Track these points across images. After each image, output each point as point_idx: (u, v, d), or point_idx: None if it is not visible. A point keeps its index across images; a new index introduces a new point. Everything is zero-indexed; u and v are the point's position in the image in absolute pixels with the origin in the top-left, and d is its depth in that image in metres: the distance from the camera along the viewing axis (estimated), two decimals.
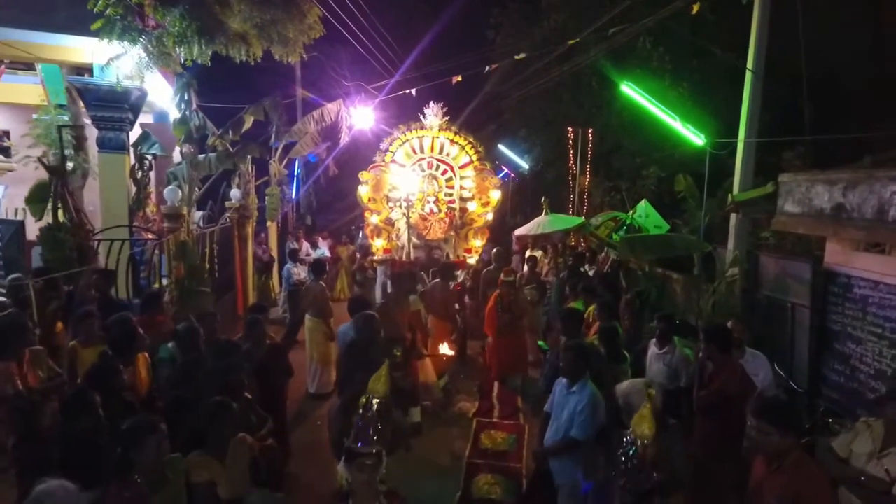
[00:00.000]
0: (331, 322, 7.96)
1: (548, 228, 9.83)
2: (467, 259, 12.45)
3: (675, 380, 5.50)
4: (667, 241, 7.45)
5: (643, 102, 8.00)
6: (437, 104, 12.02)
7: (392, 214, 12.13)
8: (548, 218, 10.25)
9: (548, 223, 9.97)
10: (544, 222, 10.15)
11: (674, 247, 7.37)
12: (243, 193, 10.52)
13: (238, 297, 10.71)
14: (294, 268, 9.93)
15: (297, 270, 9.86)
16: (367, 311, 5.85)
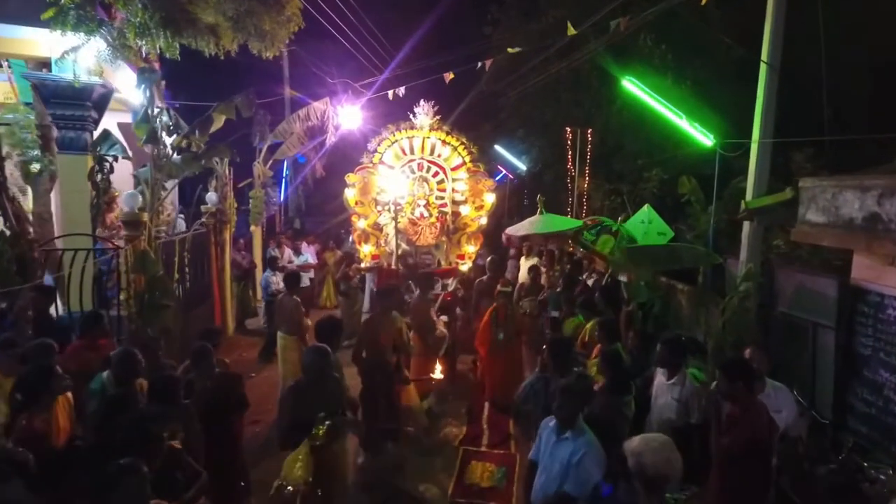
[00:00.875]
0: (307, 339, 7.18)
1: (540, 229, 8.81)
2: (460, 266, 11.69)
3: (686, 415, 4.73)
4: (673, 252, 6.63)
5: (647, 100, 7.21)
6: (427, 103, 11.27)
7: (380, 219, 11.38)
8: (541, 218, 9.14)
9: (541, 223, 8.90)
10: (537, 222, 9.07)
11: (680, 258, 6.57)
12: (220, 197, 9.76)
13: (215, 307, 9.95)
14: (273, 276, 9.16)
15: (275, 279, 9.11)
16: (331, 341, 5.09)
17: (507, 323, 6.87)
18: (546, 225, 8.28)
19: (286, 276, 7.71)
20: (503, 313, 7.09)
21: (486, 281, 8.36)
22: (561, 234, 8.40)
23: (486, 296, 8.12)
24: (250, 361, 9.23)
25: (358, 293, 9.94)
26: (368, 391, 5.89)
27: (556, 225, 8.25)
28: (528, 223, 8.66)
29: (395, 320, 6.46)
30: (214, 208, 9.74)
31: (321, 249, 12.77)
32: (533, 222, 8.55)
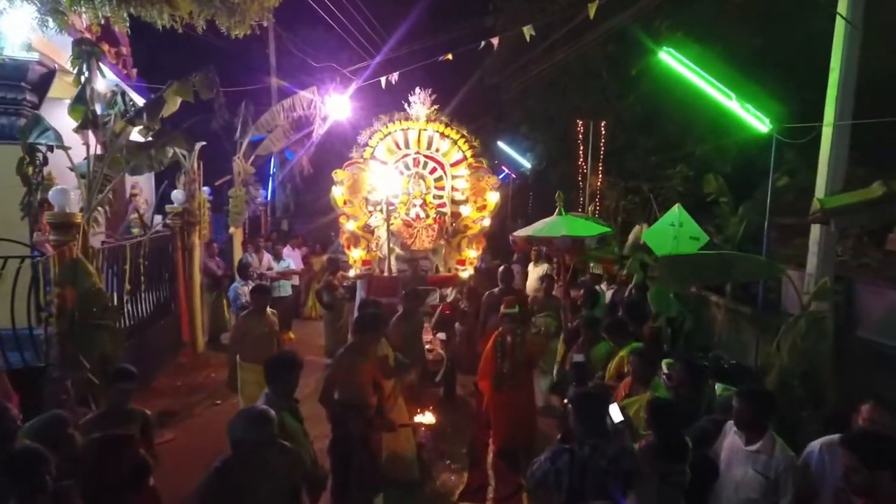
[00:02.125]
0: None
1: (558, 231, 6.67)
2: (460, 272, 10.29)
3: (774, 494, 3.33)
4: (724, 263, 5.15)
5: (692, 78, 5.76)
6: (424, 91, 9.87)
7: (371, 220, 9.97)
8: (560, 219, 7.09)
9: (560, 226, 6.82)
10: (556, 224, 7.03)
11: (732, 269, 5.11)
12: (187, 195, 8.37)
13: (182, 321, 8.55)
14: (244, 286, 7.76)
15: (246, 290, 7.71)
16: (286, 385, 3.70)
17: (516, 352, 5.38)
18: (568, 228, 6.52)
19: (252, 288, 6.31)
20: (509, 341, 5.59)
21: (496, 294, 6.91)
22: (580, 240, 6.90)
23: (494, 311, 6.69)
24: (218, 384, 7.81)
25: (344, 305, 8.54)
26: (341, 442, 4.48)
27: (580, 229, 6.50)
28: (543, 225, 6.88)
29: (381, 347, 5.07)
30: (181, 208, 8.35)
31: (308, 253, 11.38)
32: (550, 224, 6.76)
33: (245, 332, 5.82)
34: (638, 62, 13.99)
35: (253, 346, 5.69)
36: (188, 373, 8.24)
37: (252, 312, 5.98)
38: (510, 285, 7.00)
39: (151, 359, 7.78)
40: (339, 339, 8.53)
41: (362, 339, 4.69)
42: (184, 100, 6.45)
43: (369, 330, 4.72)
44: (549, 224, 6.53)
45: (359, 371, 4.53)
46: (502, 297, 6.31)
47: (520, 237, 7.36)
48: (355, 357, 4.62)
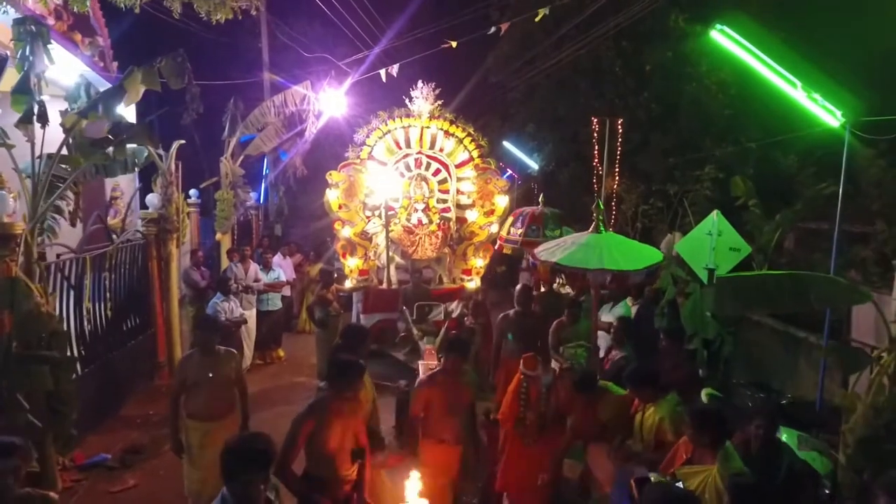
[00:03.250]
0: (247, 415, 4.62)
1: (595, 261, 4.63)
2: (465, 283, 9.32)
3: None
4: (795, 286, 4.06)
5: (752, 63, 4.74)
6: (427, 85, 8.90)
7: (369, 226, 9.01)
8: (599, 240, 4.89)
9: (600, 250, 4.72)
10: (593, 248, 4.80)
11: (807, 294, 4.10)
12: (163, 200, 7.41)
13: (158, 339, 7.57)
14: (224, 303, 6.76)
15: (227, 306, 6.72)
16: None
17: (541, 405, 4.27)
18: (608, 256, 4.55)
19: (198, 321, 5.16)
20: (534, 396, 4.47)
21: (512, 318, 5.73)
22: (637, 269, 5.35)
23: (512, 334, 5.64)
24: None
25: (338, 321, 7.55)
26: None
27: (624, 257, 4.57)
28: (575, 247, 4.78)
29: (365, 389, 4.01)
30: (156, 213, 7.38)
31: (301, 261, 10.40)
32: (585, 247, 4.71)
33: (184, 379, 4.36)
34: (652, 57, 13.08)
35: (196, 398, 4.32)
36: (163, 398, 7.21)
37: (194, 353, 4.49)
38: (528, 308, 5.87)
39: (120, 384, 6.81)
40: None
41: (338, 392, 3.46)
42: (150, 89, 5.46)
43: (346, 377, 3.45)
44: (584, 247, 4.63)
45: (332, 434, 3.35)
46: (519, 320, 5.31)
47: (543, 262, 5.29)
48: (329, 418, 3.36)
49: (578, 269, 4.29)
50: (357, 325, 4.16)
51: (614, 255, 4.39)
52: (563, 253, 4.56)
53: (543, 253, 4.74)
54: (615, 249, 4.38)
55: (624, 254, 4.33)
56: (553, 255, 4.64)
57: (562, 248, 4.59)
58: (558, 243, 4.70)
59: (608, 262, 4.32)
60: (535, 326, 5.53)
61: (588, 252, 4.49)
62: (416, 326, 7.11)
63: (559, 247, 4.65)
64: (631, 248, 4.49)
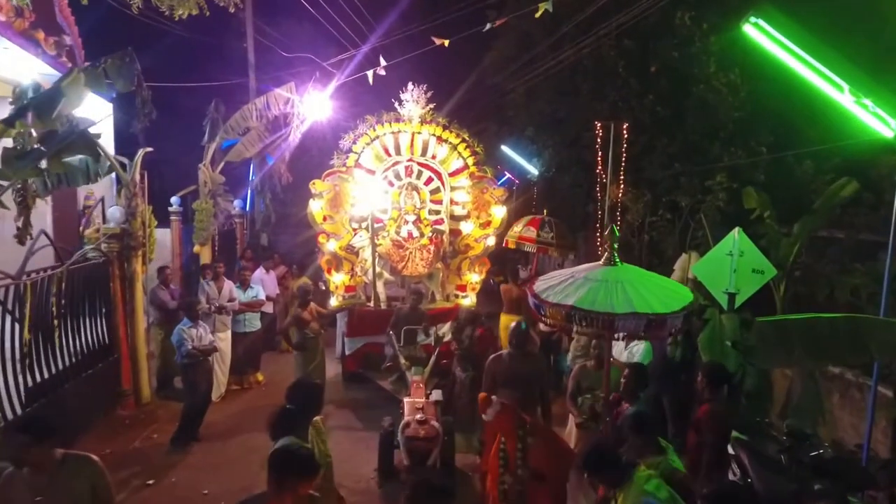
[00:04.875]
0: None
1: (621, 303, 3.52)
2: (460, 300, 8.57)
3: None
4: (852, 331, 3.24)
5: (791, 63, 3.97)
6: (418, 87, 8.14)
7: (356, 239, 8.25)
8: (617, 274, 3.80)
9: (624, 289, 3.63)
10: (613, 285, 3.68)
11: (865, 342, 3.29)
12: (126, 213, 6.64)
13: (122, 365, 6.80)
14: (191, 329, 5.98)
15: (195, 333, 5.94)
16: None
17: (517, 466, 3.46)
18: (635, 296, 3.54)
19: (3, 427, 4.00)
20: (511, 450, 3.68)
21: (505, 361, 4.62)
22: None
23: (506, 380, 4.61)
24: (158, 450, 6.08)
25: (318, 344, 6.78)
26: None
27: (652, 297, 3.55)
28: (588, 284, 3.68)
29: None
30: (118, 228, 6.61)
31: (285, 273, 9.61)
32: (602, 284, 3.63)
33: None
34: (657, 58, 12.30)
35: None
36: (126, 432, 6.51)
37: (14, 474, 2.79)
38: (525, 349, 4.71)
39: (75, 419, 6.04)
40: None
41: (280, 482, 2.56)
42: (96, 92, 4.70)
43: (287, 472, 2.57)
44: (602, 285, 3.58)
45: None
46: (514, 363, 4.47)
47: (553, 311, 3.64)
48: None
49: (603, 314, 3.35)
50: (307, 382, 3.22)
51: (643, 295, 3.44)
52: (578, 293, 3.48)
53: (550, 294, 3.56)
54: (640, 287, 3.46)
55: (653, 292, 3.45)
56: (565, 296, 3.50)
57: (574, 286, 3.56)
58: (564, 279, 3.67)
59: (639, 305, 3.35)
60: (532, 371, 4.55)
61: (610, 291, 3.44)
62: (403, 352, 6.33)
63: (568, 283, 3.64)
64: (657, 285, 3.63)
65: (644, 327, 3.31)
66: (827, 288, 7.75)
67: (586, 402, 4.58)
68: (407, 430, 4.89)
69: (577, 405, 4.67)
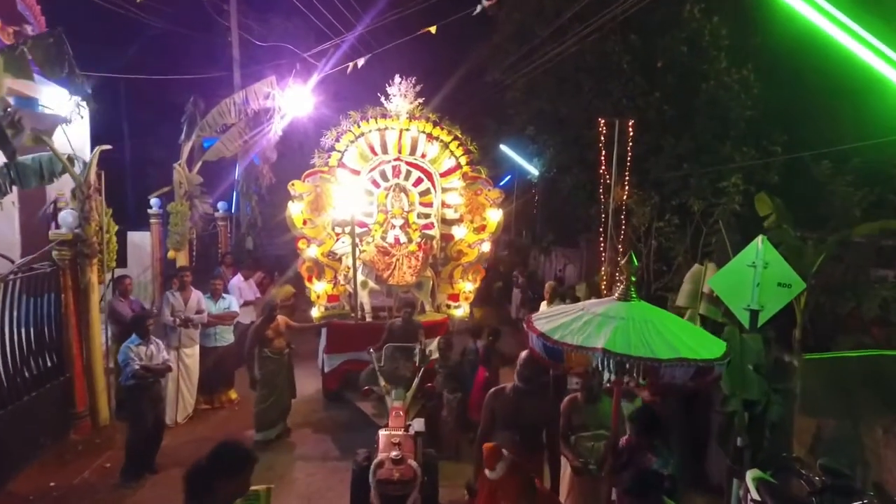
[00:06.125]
0: None
1: (662, 347, 2.78)
2: (452, 311, 7.85)
3: None
4: None
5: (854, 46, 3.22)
6: (406, 80, 7.42)
7: (338, 245, 7.54)
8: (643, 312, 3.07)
9: (665, 331, 2.91)
10: (649, 326, 2.93)
11: None
12: (80, 217, 5.95)
13: (76, 385, 6.09)
14: (139, 347, 5.23)
15: (144, 351, 5.20)
16: None
17: None
18: (677, 340, 2.84)
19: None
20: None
21: (510, 395, 3.90)
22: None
23: (507, 420, 3.82)
24: (107, 483, 5.36)
25: (280, 367, 6.05)
26: None
27: (701, 345, 2.87)
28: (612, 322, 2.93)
29: None
30: (70, 234, 5.92)
31: (264, 279, 8.89)
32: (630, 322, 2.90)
33: None
34: (664, 52, 11.56)
35: None
36: (76, 460, 5.80)
37: None
38: (534, 384, 3.86)
39: (16, 447, 5.34)
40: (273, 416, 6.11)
41: None
42: (21, 78, 3.99)
43: None
44: (631, 324, 2.86)
45: None
46: (519, 400, 3.68)
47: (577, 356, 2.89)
48: None
49: (644, 360, 2.59)
50: (231, 444, 2.49)
51: (681, 339, 2.75)
52: (603, 333, 2.77)
53: (566, 334, 2.84)
54: (674, 328, 2.80)
55: (689, 335, 2.74)
56: (587, 336, 2.79)
57: (594, 325, 2.87)
58: (574, 316, 2.99)
59: (683, 349, 2.67)
60: (539, 410, 3.82)
61: (641, 332, 2.77)
62: (384, 372, 5.59)
63: (583, 322, 2.93)
64: (685, 327, 2.90)
65: (691, 376, 2.61)
66: (852, 299, 7.01)
67: (582, 443, 3.83)
68: (380, 472, 4.16)
69: (570, 445, 3.92)
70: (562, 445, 3.81)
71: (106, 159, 6.53)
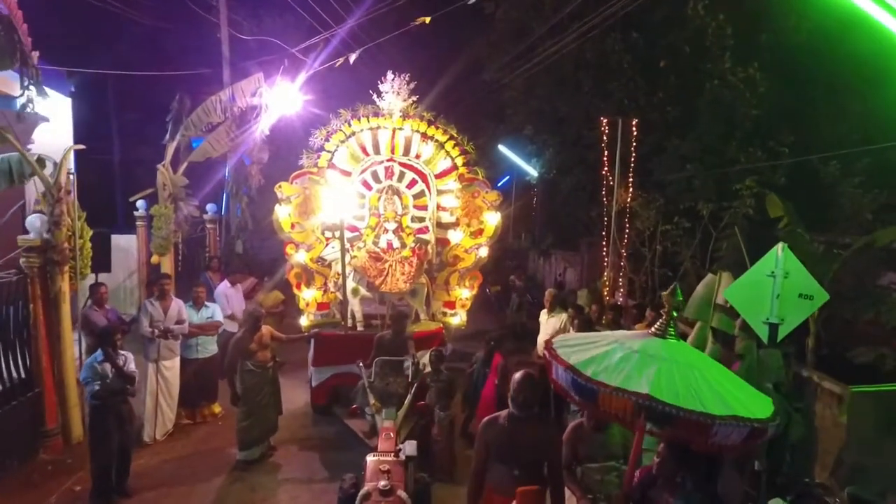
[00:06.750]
0: None
1: (738, 409, 2.37)
2: (448, 318, 7.44)
3: None
4: None
5: None
6: (399, 76, 7.01)
7: (328, 251, 7.13)
8: (686, 354, 2.70)
9: (714, 381, 2.51)
10: (696, 373, 2.52)
11: None
12: (49, 222, 5.53)
13: (45, 402, 5.66)
14: (104, 363, 4.77)
15: (109, 367, 4.76)
16: None
17: None
18: (730, 395, 2.43)
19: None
20: None
21: (503, 424, 3.34)
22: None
23: (502, 453, 3.31)
24: None
25: (263, 381, 5.63)
26: None
27: (754, 402, 2.48)
28: (654, 363, 2.49)
29: None
30: (39, 240, 5.50)
31: (254, 286, 8.46)
32: (673, 365, 2.48)
33: None
34: (667, 51, 11.16)
35: None
36: (44, 482, 5.38)
37: None
38: (532, 410, 3.31)
39: None
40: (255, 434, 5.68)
41: None
42: None
43: None
44: (673, 367, 2.46)
45: None
46: (515, 432, 3.22)
47: (615, 400, 2.43)
48: None
49: (696, 415, 2.18)
50: None
51: (732, 392, 2.34)
52: (645, 375, 2.33)
53: (601, 371, 2.40)
54: (722, 379, 2.39)
55: (737, 388, 2.33)
56: (627, 377, 2.34)
57: (633, 364, 2.42)
58: (606, 347, 2.57)
59: (736, 406, 2.26)
60: (539, 440, 3.29)
61: (688, 380, 2.34)
62: (375, 389, 5.17)
63: (618, 357, 2.49)
64: (729, 376, 2.49)
65: (744, 437, 2.21)
66: (870, 308, 6.61)
67: (590, 476, 3.40)
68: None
69: (576, 478, 3.49)
70: (566, 479, 3.38)
71: (94, 160, 6.16)
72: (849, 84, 9.83)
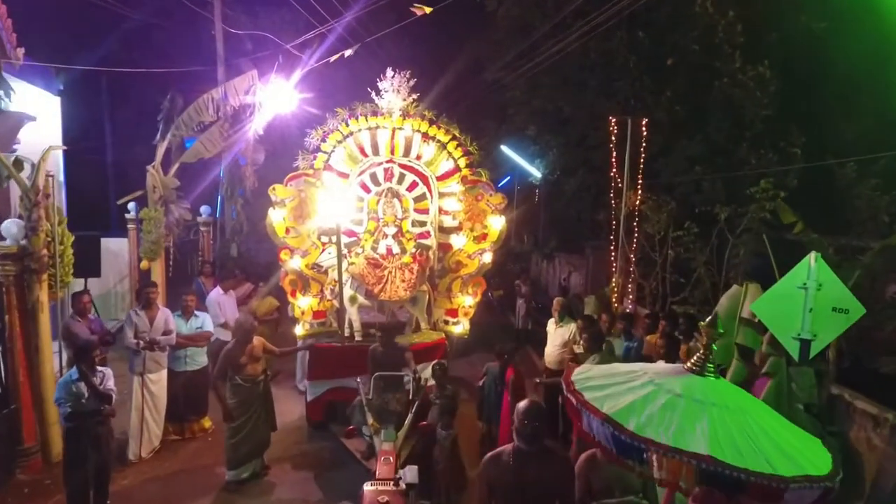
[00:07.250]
0: None
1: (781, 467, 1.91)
2: (450, 328, 7.06)
3: None
4: None
5: None
6: (399, 73, 6.63)
7: (324, 256, 6.74)
8: (735, 398, 2.22)
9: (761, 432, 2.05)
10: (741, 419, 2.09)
11: None
12: (27, 227, 5.16)
13: (23, 418, 5.28)
14: (79, 382, 4.40)
15: (82, 386, 4.36)
16: None
17: None
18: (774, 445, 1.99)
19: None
20: None
21: (507, 461, 2.92)
22: None
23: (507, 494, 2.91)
24: None
25: (253, 396, 5.24)
26: None
27: (811, 455, 2.02)
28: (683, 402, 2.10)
29: None
30: (16, 247, 5.12)
31: (249, 292, 8.07)
32: (710, 408, 2.05)
33: None
34: (675, 50, 10.79)
35: None
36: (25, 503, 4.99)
37: None
38: (538, 444, 2.91)
39: None
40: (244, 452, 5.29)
41: None
42: None
43: None
44: (727, 415, 2.02)
45: None
46: (520, 469, 2.82)
47: (669, 462, 2.07)
48: None
49: (765, 478, 1.79)
50: None
51: (796, 445, 1.96)
52: (699, 428, 1.94)
53: (646, 424, 1.97)
54: (779, 428, 2.02)
55: (797, 438, 1.97)
56: (677, 431, 1.93)
57: (680, 412, 2.01)
58: (648, 391, 2.14)
59: (806, 464, 1.89)
60: (548, 478, 2.89)
61: (746, 432, 1.96)
62: (373, 408, 4.79)
63: (663, 405, 2.07)
64: (783, 422, 2.12)
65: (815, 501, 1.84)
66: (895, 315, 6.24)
67: None
68: None
69: None
70: None
71: (85, 160, 5.79)
72: (862, 84, 9.49)
